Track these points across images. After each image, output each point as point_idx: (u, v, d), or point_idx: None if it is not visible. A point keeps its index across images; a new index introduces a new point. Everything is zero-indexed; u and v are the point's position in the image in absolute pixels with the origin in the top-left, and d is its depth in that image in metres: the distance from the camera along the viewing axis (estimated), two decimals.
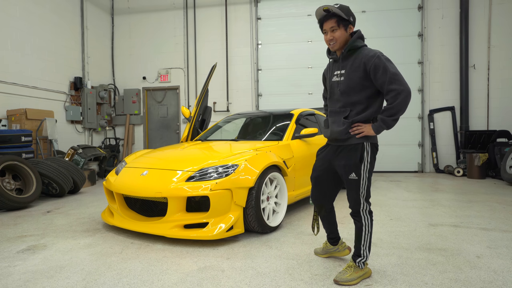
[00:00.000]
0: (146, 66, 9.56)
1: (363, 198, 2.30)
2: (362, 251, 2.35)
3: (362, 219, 2.32)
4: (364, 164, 2.27)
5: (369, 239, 2.34)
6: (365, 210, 2.32)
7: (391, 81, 2.14)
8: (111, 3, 9.67)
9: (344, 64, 2.33)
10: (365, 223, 2.32)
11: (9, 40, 6.49)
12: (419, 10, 8.30)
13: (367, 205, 2.33)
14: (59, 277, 2.46)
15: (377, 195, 5.39)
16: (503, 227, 3.55)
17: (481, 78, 8.05)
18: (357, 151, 2.28)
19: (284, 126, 4.54)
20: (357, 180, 2.27)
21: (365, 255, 2.35)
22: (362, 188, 2.28)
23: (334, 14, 2.26)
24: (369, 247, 2.36)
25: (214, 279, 2.40)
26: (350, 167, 2.29)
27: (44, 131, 6.60)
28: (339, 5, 2.29)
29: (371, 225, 2.34)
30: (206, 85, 5.49)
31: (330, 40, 2.31)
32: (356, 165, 2.27)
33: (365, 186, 2.29)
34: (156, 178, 3.29)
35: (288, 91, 8.81)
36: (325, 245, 2.77)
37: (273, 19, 8.93)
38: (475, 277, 2.38)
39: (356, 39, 2.30)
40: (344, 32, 2.29)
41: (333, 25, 2.28)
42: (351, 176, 2.28)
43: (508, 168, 6.35)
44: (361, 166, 2.27)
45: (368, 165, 2.28)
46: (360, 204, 2.31)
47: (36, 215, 4.34)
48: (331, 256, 2.75)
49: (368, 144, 2.28)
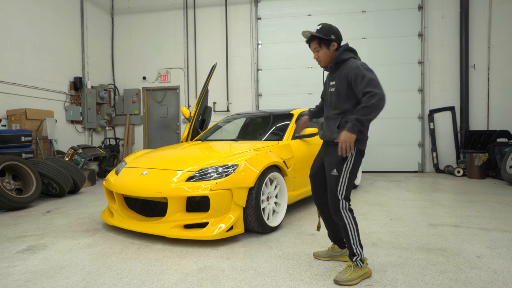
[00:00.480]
0: (146, 66, 9.55)
1: (341, 195, 2.34)
2: (354, 250, 2.37)
3: (344, 218, 2.35)
4: (347, 163, 2.35)
5: (357, 236, 2.37)
6: (344, 208, 2.35)
7: (368, 85, 2.25)
8: (111, 3, 9.67)
9: (334, 76, 2.50)
10: (347, 221, 2.35)
11: (9, 40, 6.49)
12: (419, 10, 8.30)
13: (346, 203, 2.36)
14: (59, 277, 2.46)
15: (377, 195, 5.38)
16: (503, 227, 3.55)
17: (481, 78, 8.04)
18: None
19: (284, 126, 4.54)
20: (337, 176, 2.35)
21: (358, 253, 2.37)
22: (341, 185, 2.35)
23: (314, 37, 2.46)
24: (360, 244, 2.38)
25: (214, 279, 2.39)
26: (333, 163, 2.38)
27: (44, 131, 6.60)
28: (321, 26, 2.47)
29: (354, 222, 2.37)
30: (206, 85, 5.49)
31: (315, 59, 2.53)
32: (339, 162, 2.36)
33: (345, 184, 2.35)
34: (156, 178, 3.29)
35: (288, 91, 8.80)
36: (331, 248, 2.72)
37: (273, 19, 8.93)
38: (475, 277, 2.38)
39: (342, 53, 2.45)
40: (326, 50, 2.47)
41: (316, 46, 2.48)
42: (333, 172, 2.37)
43: (508, 168, 6.34)
44: (343, 164, 2.35)
45: (351, 165, 2.36)
46: (339, 201, 2.34)
47: (36, 215, 4.34)
48: (335, 260, 2.71)
49: (356, 149, 2.37)
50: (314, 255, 2.79)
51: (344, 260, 2.68)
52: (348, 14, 8.57)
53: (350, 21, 8.55)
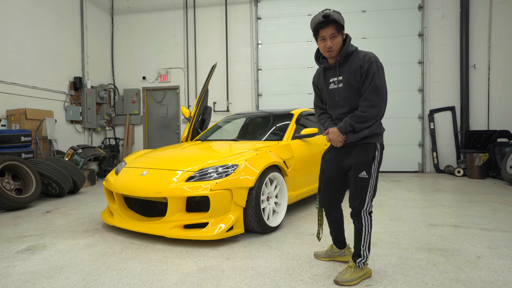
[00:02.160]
0: (146, 66, 9.55)
1: (369, 198, 2.28)
2: (362, 252, 2.34)
3: (363, 220, 2.31)
4: (375, 163, 2.27)
5: (368, 240, 2.33)
6: (366, 211, 2.30)
7: (372, 91, 2.17)
8: (111, 3, 9.66)
9: (341, 71, 2.30)
10: (365, 223, 2.31)
11: (9, 40, 6.48)
12: (419, 10, 8.30)
13: (371, 205, 2.31)
14: (59, 277, 2.45)
15: (377, 195, 5.38)
16: (503, 227, 3.54)
17: (481, 78, 8.04)
18: (370, 150, 2.27)
19: (284, 126, 4.53)
20: (367, 178, 2.26)
21: (365, 256, 2.35)
22: (371, 187, 2.28)
23: (334, 20, 2.19)
24: (369, 248, 2.36)
25: (214, 279, 2.39)
26: (361, 165, 2.26)
27: (44, 131, 6.60)
28: (333, 11, 2.22)
29: (370, 225, 2.33)
30: (206, 85, 5.48)
31: (329, 47, 2.24)
32: (368, 163, 2.25)
33: (373, 186, 2.29)
34: (156, 178, 3.28)
35: (288, 91, 8.80)
36: (330, 248, 2.70)
37: (273, 19, 8.93)
38: (476, 277, 2.37)
39: (349, 44, 2.30)
40: (341, 38, 2.26)
41: (333, 32, 2.21)
42: (361, 175, 2.26)
43: (508, 168, 6.34)
44: (372, 164, 2.26)
45: (378, 164, 2.29)
46: (365, 204, 2.28)
47: (35, 215, 4.34)
48: (334, 260, 2.69)
49: (379, 144, 2.30)
50: (315, 255, 2.79)
51: (342, 260, 2.66)
52: (348, 14, 8.55)
53: (350, 21, 8.53)
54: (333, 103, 2.39)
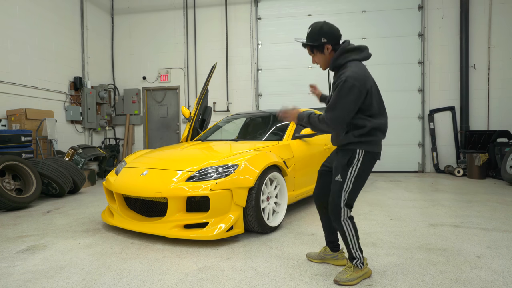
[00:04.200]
0: (146, 66, 9.55)
1: (343, 203, 2.26)
2: (354, 254, 2.34)
3: (343, 226, 2.30)
4: (352, 168, 2.25)
5: (356, 242, 2.32)
6: (345, 218, 2.29)
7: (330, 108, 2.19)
8: (111, 3, 9.67)
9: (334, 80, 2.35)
10: (347, 229, 2.30)
11: (9, 40, 6.49)
12: (419, 10, 8.30)
13: (347, 210, 2.29)
14: (59, 277, 2.46)
15: (377, 195, 5.38)
16: (503, 227, 3.55)
17: (481, 78, 8.04)
18: (347, 155, 2.28)
19: (284, 126, 4.53)
20: (341, 182, 2.27)
21: (358, 257, 2.34)
22: (345, 192, 2.26)
23: (305, 44, 2.36)
24: (359, 248, 2.34)
25: (214, 279, 2.39)
26: (338, 168, 2.30)
27: (44, 131, 6.60)
28: (310, 30, 2.33)
29: (353, 229, 2.31)
30: (206, 85, 5.48)
31: (314, 63, 2.43)
32: (343, 167, 2.27)
33: (348, 191, 2.26)
34: (156, 178, 3.29)
35: (288, 91, 8.80)
36: (323, 250, 2.66)
37: (273, 19, 8.93)
38: (475, 277, 2.38)
39: (338, 57, 2.28)
40: (321, 55, 2.34)
41: (309, 53, 2.39)
42: (337, 178, 2.29)
43: (508, 168, 6.34)
44: (348, 170, 2.26)
45: (356, 170, 2.25)
46: (340, 210, 2.27)
47: (36, 215, 4.34)
48: (326, 263, 2.64)
49: (362, 151, 2.25)
50: (307, 256, 2.74)
51: (334, 264, 2.61)
52: (348, 14, 8.57)
53: (350, 21, 8.55)
54: None
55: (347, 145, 2.29)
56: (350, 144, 2.27)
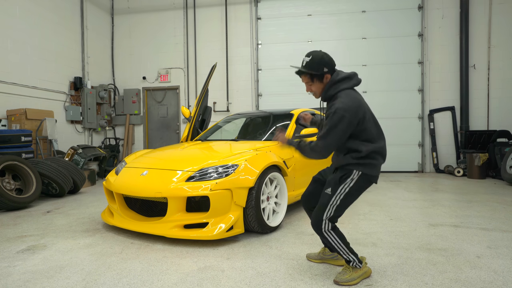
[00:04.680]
0: (146, 66, 9.55)
1: (326, 215, 2.25)
2: (347, 257, 2.34)
3: (327, 237, 2.29)
4: (344, 186, 2.25)
5: (344, 247, 2.31)
6: (326, 230, 2.28)
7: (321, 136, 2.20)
8: (111, 3, 9.67)
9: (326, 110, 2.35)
10: (331, 239, 2.29)
11: (9, 40, 6.49)
12: (419, 10, 8.30)
13: (329, 224, 2.28)
14: (59, 277, 2.46)
15: (377, 195, 5.38)
16: (503, 227, 3.55)
17: (481, 78, 8.04)
18: (343, 172, 2.29)
19: (284, 126, 4.53)
20: (329, 195, 2.27)
21: (352, 259, 2.33)
22: (331, 206, 2.25)
23: (303, 72, 2.32)
24: (351, 252, 2.33)
25: (214, 279, 2.39)
26: (330, 182, 2.31)
27: (44, 131, 6.60)
28: (311, 58, 2.28)
29: (337, 237, 2.30)
30: (206, 85, 5.48)
31: (309, 92, 2.39)
32: (335, 182, 2.28)
33: (335, 206, 2.26)
34: (156, 178, 3.29)
35: (288, 91, 8.80)
36: (322, 250, 2.68)
37: (273, 19, 8.93)
38: (475, 277, 2.38)
39: (329, 88, 2.30)
40: (320, 84, 2.32)
41: (307, 81, 2.33)
42: (327, 191, 2.29)
43: (508, 168, 6.34)
44: (339, 186, 2.26)
45: (348, 188, 2.25)
46: (322, 222, 2.27)
47: (36, 215, 4.34)
48: (326, 262, 2.66)
49: (358, 172, 2.25)
50: (307, 256, 2.75)
51: (334, 264, 2.62)
52: (348, 14, 8.57)
53: (350, 21, 8.55)
54: None
55: (346, 165, 2.30)
56: (349, 165, 2.28)
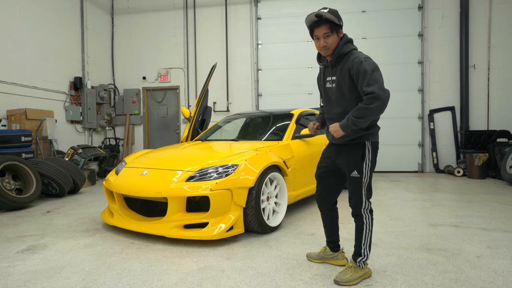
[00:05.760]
0: (146, 66, 9.55)
1: (365, 196, 2.31)
2: (362, 250, 2.34)
3: (364, 218, 2.32)
4: (366, 162, 2.29)
5: (369, 238, 2.34)
6: (366, 209, 2.32)
7: (371, 84, 2.11)
8: (111, 3, 9.67)
9: (335, 71, 2.33)
10: (366, 221, 2.33)
11: (9, 40, 6.49)
12: (419, 10, 8.30)
13: (369, 203, 2.33)
14: (59, 277, 2.46)
15: (377, 195, 5.38)
16: (503, 227, 3.55)
17: (481, 78, 8.04)
18: (359, 149, 2.30)
19: (284, 126, 4.53)
20: (359, 178, 2.29)
21: (365, 254, 2.35)
22: (364, 186, 2.30)
23: (327, 20, 2.22)
24: (370, 246, 2.36)
25: (214, 279, 2.39)
26: (352, 165, 2.30)
27: (44, 131, 6.60)
28: (329, 10, 2.24)
29: (371, 223, 2.35)
30: (206, 85, 5.48)
31: (323, 46, 2.28)
32: (357, 162, 2.29)
33: (367, 184, 2.31)
34: (156, 178, 3.29)
35: (288, 91, 8.80)
36: (323, 250, 2.66)
37: (273, 19, 8.93)
38: (475, 277, 2.38)
39: (343, 45, 2.29)
40: (336, 37, 2.28)
41: (327, 31, 2.24)
42: (353, 174, 2.30)
43: (508, 168, 6.34)
44: (362, 164, 2.29)
45: (370, 163, 2.31)
46: (362, 203, 2.31)
47: (36, 215, 4.34)
48: (326, 262, 2.63)
49: (369, 143, 2.30)
50: (307, 256, 2.74)
51: (334, 264, 2.60)
52: (348, 14, 8.56)
53: (350, 21, 8.55)
54: (328, 102, 2.44)
55: (356, 139, 2.28)
56: (360, 137, 2.27)
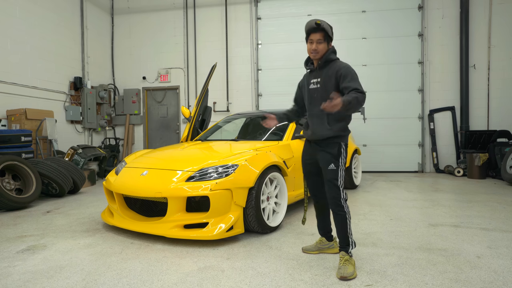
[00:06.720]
0: (146, 66, 9.55)
1: (341, 185, 2.54)
2: (349, 239, 2.53)
3: (344, 208, 2.52)
4: (341, 157, 2.57)
5: (350, 224, 2.55)
6: (344, 199, 2.54)
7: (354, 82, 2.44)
8: (111, 3, 9.67)
9: (320, 73, 2.63)
10: (347, 211, 2.53)
11: (9, 40, 6.49)
12: (419, 10, 8.30)
13: (345, 193, 2.55)
14: (59, 277, 2.46)
15: (377, 195, 5.38)
16: (503, 227, 3.55)
17: (481, 78, 8.04)
18: (335, 147, 2.55)
19: (284, 126, 4.53)
20: (335, 170, 2.53)
21: (351, 241, 2.53)
22: (340, 177, 2.54)
23: (323, 29, 2.55)
24: (352, 233, 2.56)
25: (214, 279, 2.39)
26: (330, 159, 2.55)
27: (44, 131, 6.60)
28: (321, 22, 2.58)
29: (349, 212, 2.56)
30: (206, 85, 5.48)
31: (314, 50, 2.59)
32: (335, 157, 2.55)
33: (342, 176, 2.56)
34: (156, 178, 3.29)
35: (288, 91, 8.73)
36: (319, 241, 2.86)
37: (273, 19, 8.93)
38: (476, 277, 2.38)
39: (330, 53, 2.63)
40: (326, 46, 2.60)
41: (320, 38, 2.56)
42: (330, 167, 2.54)
43: (508, 168, 6.34)
44: (339, 159, 2.55)
45: (344, 159, 2.59)
46: (340, 193, 2.51)
47: (36, 215, 4.34)
48: (323, 253, 2.84)
49: (343, 144, 2.59)
50: (303, 249, 2.90)
51: (331, 252, 2.83)
52: (348, 14, 8.57)
53: (350, 21, 8.55)
54: (310, 101, 2.70)
55: (332, 138, 2.55)
56: (337, 137, 2.55)
